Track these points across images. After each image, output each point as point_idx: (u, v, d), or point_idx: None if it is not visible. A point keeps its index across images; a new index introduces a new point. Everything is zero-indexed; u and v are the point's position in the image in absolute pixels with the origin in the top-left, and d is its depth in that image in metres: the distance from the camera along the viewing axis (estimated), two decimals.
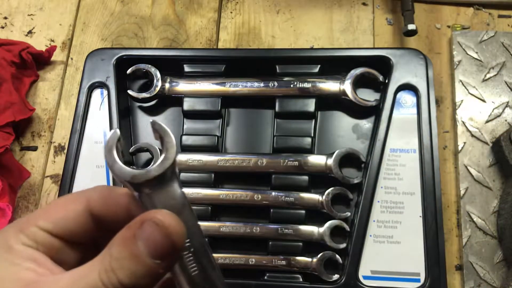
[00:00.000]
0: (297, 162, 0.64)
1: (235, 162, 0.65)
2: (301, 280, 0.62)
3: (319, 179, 0.65)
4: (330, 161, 0.64)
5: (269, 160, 0.65)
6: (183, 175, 0.66)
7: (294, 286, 0.61)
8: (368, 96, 0.67)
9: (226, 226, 0.64)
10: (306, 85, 0.67)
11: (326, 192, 0.63)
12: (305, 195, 0.64)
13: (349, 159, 0.64)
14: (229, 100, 0.70)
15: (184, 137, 0.68)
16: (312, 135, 0.67)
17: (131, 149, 0.67)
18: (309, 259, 0.62)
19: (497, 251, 0.63)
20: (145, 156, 0.69)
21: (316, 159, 0.64)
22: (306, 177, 0.65)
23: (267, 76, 0.69)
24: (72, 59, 0.80)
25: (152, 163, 0.30)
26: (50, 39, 0.81)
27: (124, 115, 0.70)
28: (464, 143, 0.68)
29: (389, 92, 0.65)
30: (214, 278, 0.31)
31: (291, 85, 0.67)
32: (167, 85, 0.69)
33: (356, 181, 0.63)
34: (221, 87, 0.69)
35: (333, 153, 0.64)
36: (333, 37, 0.77)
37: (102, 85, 0.70)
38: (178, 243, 0.28)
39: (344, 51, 0.72)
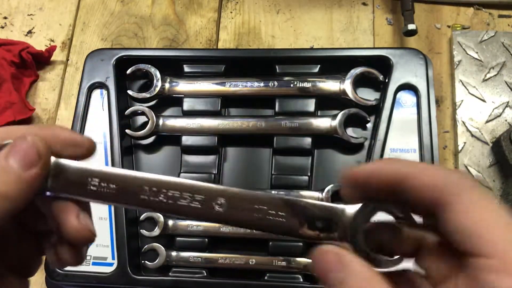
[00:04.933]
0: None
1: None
2: (301, 280, 0.62)
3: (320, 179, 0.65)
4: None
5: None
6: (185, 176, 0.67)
7: (294, 287, 0.61)
8: (368, 95, 0.67)
9: (226, 227, 0.64)
10: (306, 84, 0.67)
11: (326, 189, 0.63)
12: (306, 193, 0.64)
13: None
14: (229, 100, 0.70)
15: (184, 137, 0.68)
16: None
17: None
18: (310, 260, 0.62)
19: None
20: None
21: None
22: (306, 177, 0.65)
23: (267, 76, 0.69)
24: (70, 59, 0.79)
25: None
26: (50, 39, 0.81)
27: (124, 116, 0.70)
28: (464, 143, 0.68)
29: (389, 92, 0.65)
30: None
31: (291, 85, 0.67)
32: (167, 85, 0.69)
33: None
34: (221, 87, 0.69)
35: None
36: (333, 37, 0.77)
37: (102, 85, 0.70)
38: (42, 151, 0.31)
39: (344, 51, 0.72)
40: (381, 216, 0.31)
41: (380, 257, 0.30)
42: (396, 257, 0.31)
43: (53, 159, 0.33)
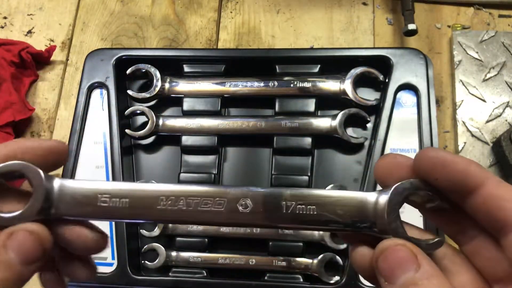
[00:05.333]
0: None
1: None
2: (301, 280, 0.62)
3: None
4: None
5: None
6: (183, 177, 0.66)
7: (294, 287, 0.61)
8: (368, 95, 0.67)
9: (226, 226, 0.64)
10: (306, 84, 0.67)
11: (326, 189, 0.63)
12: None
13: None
14: (229, 100, 0.70)
15: (184, 138, 0.68)
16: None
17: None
18: (310, 261, 0.62)
19: None
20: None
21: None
22: (306, 177, 0.65)
23: (267, 76, 0.68)
24: (70, 59, 0.79)
25: None
26: (50, 39, 0.81)
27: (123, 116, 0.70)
28: (465, 143, 0.68)
29: (389, 92, 0.65)
30: None
31: (291, 85, 0.67)
32: (167, 85, 0.69)
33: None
34: (221, 87, 0.69)
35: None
36: (333, 37, 0.77)
37: (101, 85, 0.70)
38: (47, 247, 0.30)
39: (344, 51, 0.72)
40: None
41: (420, 240, 0.29)
42: (436, 239, 0.30)
43: (57, 182, 0.31)
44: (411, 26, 0.68)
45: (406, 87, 0.66)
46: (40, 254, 0.30)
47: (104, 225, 0.63)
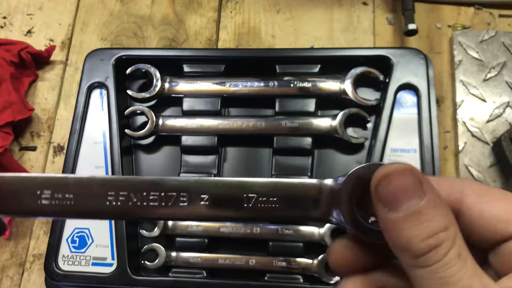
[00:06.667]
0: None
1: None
2: (301, 281, 0.62)
3: None
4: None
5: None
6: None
7: (294, 287, 0.61)
8: (369, 95, 0.67)
9: (226, 227, 0.64)
10: (306, 84, 0.67)
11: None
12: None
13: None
14: (229, 100, 0.70)
15: (183, 137, 0.68)
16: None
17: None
18: (310, 261, 0.62)
19: None
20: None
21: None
22: (306, 177, 0.65)
23: (267, 76, 0.68)
24: (70, 59, 0.79)
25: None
26: (49, 38, 0.81)
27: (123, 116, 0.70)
28: (465, 143, 0.68)
29: (390, 92, 0.65)
30: None
31: (291, 85, 0.67)
32: (166, 85, 0.69)
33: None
34: (221, 86, 0.68)
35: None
36: (333, 37, 0.77)
37: (101, 85, 0.70)
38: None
39: (344, 50, 0.72)
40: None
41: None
42: None
43: None
44: (412, 26, 0.68)
45: (406, 87, 0.66)
46: None
47: (104, 225, 0.63)
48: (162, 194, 0.30)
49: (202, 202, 0.30)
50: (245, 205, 0.30)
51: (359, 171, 0.29)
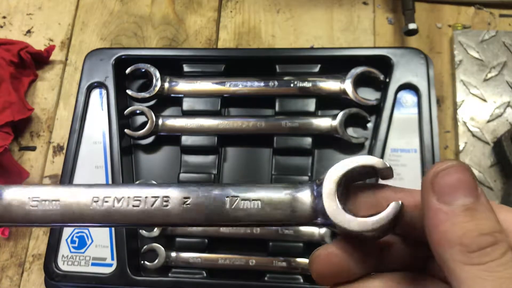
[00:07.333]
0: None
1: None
2: (301, 281, 0.62)
3: None
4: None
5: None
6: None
7: (294, 287, 0.61)
8: (369, 95, 0.67)
9: (226, 227, 0.64)
10: (306, 84, 0.66)
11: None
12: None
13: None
14: (229, 100, 0.70)
15: (183, 137, 0.68)
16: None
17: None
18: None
19: None
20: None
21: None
22: (306, 177, 0.65)
23: (267, 75, 0.68)
24: (69, 59, 0.79)
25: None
26: (49, 38, 0.81)
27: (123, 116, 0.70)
28: (465, 143, 0.68)
29: (390, 92, 0.65)
30: None
31: (291, 85, 0.67)
32: (166, 85, 0.69)
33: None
34: (221, 86, 0.68)
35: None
36: (334, 37, 0.77)
37: (101, 85, 0.70)
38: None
39: (344, 50, 0.72)
40: None
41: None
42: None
43: None
44: (412, 26, 0.68)
45: (407, 87, 0.66)
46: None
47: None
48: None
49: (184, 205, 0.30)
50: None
51: (337, 168, 0.31)
